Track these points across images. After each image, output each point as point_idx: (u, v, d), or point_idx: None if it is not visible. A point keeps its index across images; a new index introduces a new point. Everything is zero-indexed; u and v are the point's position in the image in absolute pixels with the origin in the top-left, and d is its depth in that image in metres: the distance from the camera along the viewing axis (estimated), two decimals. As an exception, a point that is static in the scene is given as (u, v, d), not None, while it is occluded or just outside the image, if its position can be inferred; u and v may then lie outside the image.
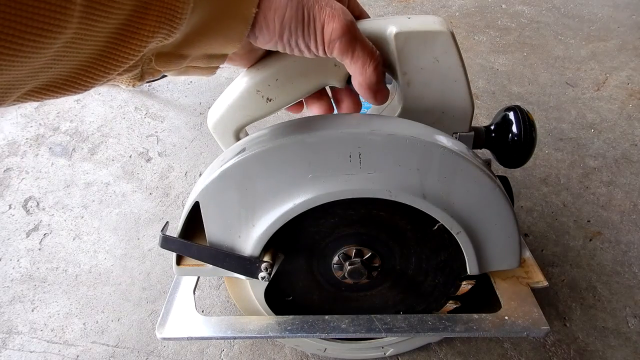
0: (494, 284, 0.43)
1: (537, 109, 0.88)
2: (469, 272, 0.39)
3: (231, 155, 0.34)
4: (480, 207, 0.35)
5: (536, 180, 0.74)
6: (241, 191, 0.34)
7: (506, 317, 0.40)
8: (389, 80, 0.39)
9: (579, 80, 0.96)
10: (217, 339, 0.53)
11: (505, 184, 0.43)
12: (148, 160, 0.81)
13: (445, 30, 0.35)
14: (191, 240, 0.37)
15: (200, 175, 0.39)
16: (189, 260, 0.39)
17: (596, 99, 0.90)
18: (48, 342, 0.56)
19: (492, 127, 0.43)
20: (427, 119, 0.37)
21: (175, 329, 0.41)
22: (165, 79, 0.97)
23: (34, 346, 0.55)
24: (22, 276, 0.63)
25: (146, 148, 0.84)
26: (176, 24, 0.23)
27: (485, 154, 0.45)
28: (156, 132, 0.87)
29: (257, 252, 0.37)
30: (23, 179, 0.77)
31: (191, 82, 0.99)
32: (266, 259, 0.37)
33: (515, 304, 0.41)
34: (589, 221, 0.67)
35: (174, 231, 0.38)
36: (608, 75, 0.97)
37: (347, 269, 0.39)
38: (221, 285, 0.61)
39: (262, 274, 0.37)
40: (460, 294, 0.43)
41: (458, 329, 0.39)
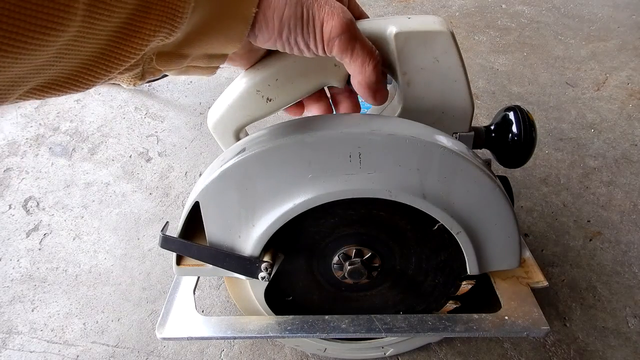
0: (494, 284, 0.43)
1: (537, 109, 0.88)
2: (469, 272, 0.39)
3: (231, 155, 0.34)
4: (480, 207, 0.35)
5: (536, 180, 0.74)
6: (241, 191, 0.34)
7: (506, 317, 0.40)
8: (389, 81, 0.39)
9: (579, 80, 0.96)
10: (217, 339, 0.53)
11: (505, 184, 0.43)
12: (148, 160, 0.81)
13: (445, 30, 0.35)
14: (191, 240, 0.37)
15: (200, 175, 0.39)
16: (189, 260, 0.39)
17: (596, 99, 0.90)
18: (48, 342, 0.56)
19: (492, 127, 0.43)
20: (427, 119, 0.37)
21: (175, 329, 0.41)
22: (165, 79, 0.97)
23: (34, 346, 0.55)
24: (22, 276, 0.63)
25: (146, 148, 0.84)
26: (177, 23, 0.23)
27: (485, 154, 0.45)
28: (156, 132, 0.87)
29: (257, 252, 0.37)
30: (23, 179, 0.77)
31: (191, 82, 0.99)
32: (266, 259, 0.37)
33: (515, 304, 0.41)
34: (589, 221, 0.67)
35: (174, 231, 0.38)
36: (608, 75, 0.97)
37: (347, 269, 0.39)
38: (221, 285, 0.61)
39: (262, 274, 0.37)
40: (460, 294, 0.43)
41: (458, 329, 0.39)
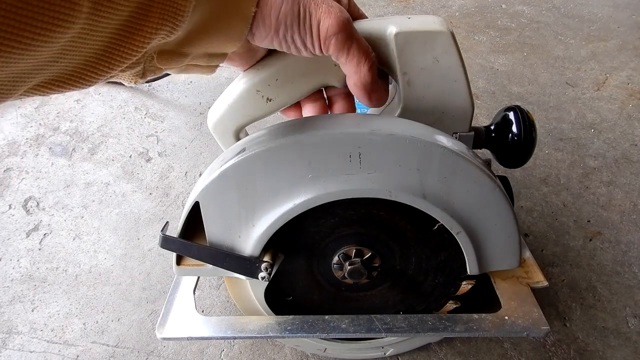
0: (494, 284, 0.43)
1: (537, 109, 0.88)
2: (469, 272, 0.39)
3: (231, 155, 0.34)
4: (480, 207, 0.35)
5: (536, 180, 0.74)
6: (241, 191, 0.34)
7: (506, 317, 0.40)
8: (389, 81, 0.39)
9: (579, 80, 0.96)
10: (217, 339, 0.53)
11: (505, 184, 0.43)
12: (148, 160, 0.81)
13: (445, 30, 0.35)
14: (191, 240, 0.37)
15: (200, 175, 0.39)
16: (189, 260, 0.39)
17: (596, 99, 0.90)
18: (48, 342, 0.56)
19: (492, 127, 0.43)
20: (427, 119, 0.37)
21: (175, 329, 0.41)
22: (165, 79, 0.97)
23: (34, 346, 0.55)
24: (22, 276, 0.63)
25: (146, 148, 0.84)
26: (178, 22, 0.24)
27: (485, 154, 0.45)
28: (156, 132, 0.87)
29: (257, 252, 0.37)
30: (23, 179, 0.77)
31: (191, 82, 0.99)
32: (266, 259, 0.37)
33: (515, 304, 0.41)
34: (589, 221, 0.67)
35: (174, 231, 0.38)
36: (608, 75, 0.97)
37: (347, 269, 0.39)
38: (221, 285, 0.61)
39: (262, 274, 0.37)
40: (460, 294, 0.43)
41: (458, 329, 0.39)
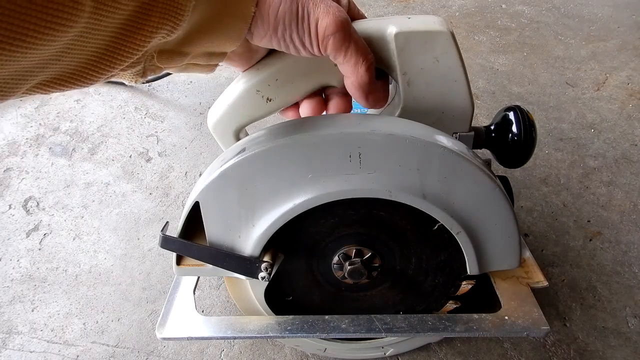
0: (494, 284, 0.43)
1: (537, 109, 0.88)
2: (469, 272, 0.39)
3: (231, 155, 0.34)
4: (480, 207, 0.35)
5: (536, 180, 0.74)
6: (241, 191, 0.34)
7: (506, 317, 0.40)
8: (389, 81, 0.39)
9: (579, 80, 0.96)
10: (217, 339, 0.53)
11: (505, 184, 0.43)
12: (148, 160, 0.81)
13: (445, 30, 0.35)
14: (191, 240, 0.37)
15: (200, 175, 0.39)
16: (189, 260, 0.39)
17: (596, 99, 0.90)
18: (48, 342, 0.56)
19: (492, 127, 0.43)
20: (427, 119, 0.37)
21: (175, 329, 0.41)
22: (165, 79, 0.97)
23: (34, 346, 0.55)
24: (22, 276, 0.63)
25: (146, 148, 0.84)
26: (179, 21, 0.24)
27: (485, 154, 0.45)
28: (156, 132, 0.87)
29: (257, 252, 0.37)
30: (23, 179, 0.77)
31: (191, 82, 0.99)
32: (266, 259, 0.37)
33: (515, 304, 0.41)
34: (589, 221, 0.67)
35: (174, 231, 0.38)
36: (608, 75, 0.97)
37: (347, 269, 0.39)
38: (221, 285, 0.61)
39: (262, 274, 0.37)
40: (460, 294, 0.43)
41: (458, 329, 0.39)
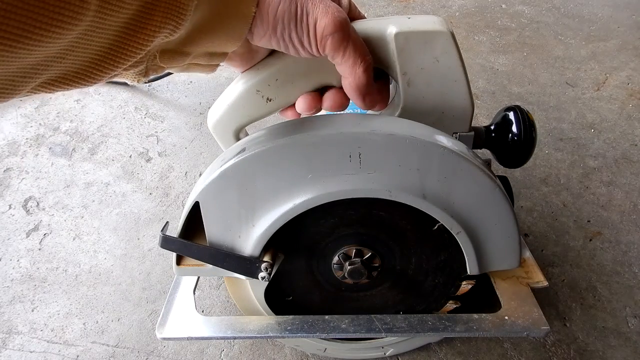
0: (494, 284, 0.43)
1: (537, 109, 0.88)
2: (469, 272, 0.39)
3: (231, 155, 0.34)
4: (480, 207, 0.35)
5: (536, 180, 0.74)
6: (241, 191, 0.34)
7: (506, 317, 0.40)
8: (389, 81, 0.39)
9: (579, 80, 0.96)
10: (217, 339, 0.53)
11: (505, 184, 0.43)
12: (148, 160, 0.81)
13: (445, 30, 0.34)
14: (191, 240, 0.37)
15: (200, 175, 0.39)
16: (189, 260, 0.39)
17: (596, 99, 0.90)
18: (48, 342, 0.56)
19: (492, 127, 0.43)
20: (427, 119, 0.37)
21: (175, 329, 0.41)
22: (165, 79, 0.97)
23: (34, 346, 0.55)
24: (22, 276, 0.63)
25: (146, 148, 0.84)
26: (181, 20, 0.24)
27: (485, 154, 0.45)
28: (156, 132, 0.87)
29: (257, 252, 0.37)
30: (23, 179, 0.77)
31: (191, 82, 0.99)
32: (266, 259, 0.37)
33: (515, 304, 0.41)
34: (589, 221, 0.67)
35: (174, 231, 0.38)
36: (608, 75, 0.97)
37: (347, 269, 0.39)
38: (221, 285, 0.61)
39: (262, 274, 0.37)
40: (460, 294, 0.43)
41: (458, 329, 0.39)
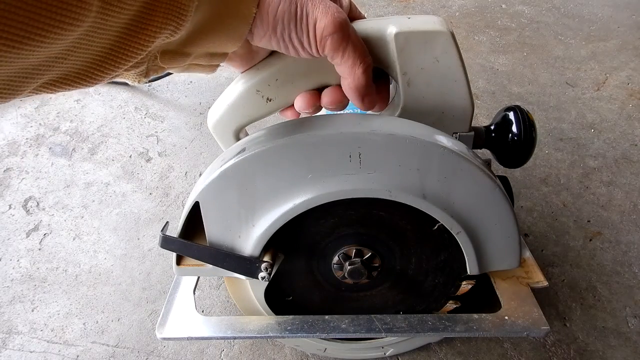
0: (494, 284, 0.43)
1: (537, 109, 0.88)
2: (469, 272, 0.39)
3: (231, 155, 0.34)
4: (480, 207, 0.35)
5: (536, 180, 0.74)
6: (241, 191, 0.34)
7: (506, 317, 0.40)
8: (389, 81, 0.39)
9: (579, 80, 0.96)
10: (217, 339, 0.53)
11: (505, 184, 0.43)
12: (148, 160, 0.81)
13: (445, 30, 0.34)
14: (191, 240, 0.37)
15: (200, 175, 0.39)
16: (189, 260, 0.39)
17: (596, 99, 0.90)
18: (48, 342, 0.56)
19: (492, 127, 0.43)
20: (427, 119, 0.37)
21: (175, 329, 0.41)
22: (165, 79, 0.97)
23: (34, 346, 0.55)
24: (22, 276, 0.63)
25: (146, 148, 0.84)
26: (182, 21, 0.24)
27: (485, 154, 0.45)
28: (156, 132, 0.87)
29: (257, 252, 0.37)
30: (23, 179, 0.77)
31: (191, 82, 0.99)
32: (266, 259, 0.37)
33: (515, 304, 0.41)
34: (589, 221, 0.67)
35: (174, 231, 0.38)
36: (608, 75, 0.97)
37: (347, 269, 0.39)
38: (221, 285, 0.61)
39: (262, 274, 0.37)
40: (460, 294, 0.43)
41: (458, 329, 0.39)
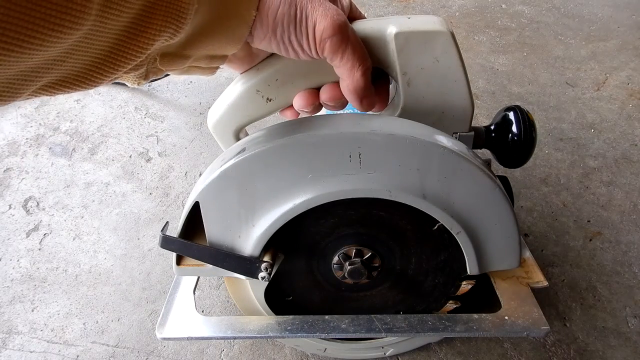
0: (494, 284, 0.43)
1: (537, 109, 0.88)
2: (469, 272, 0.39)
3: (231, 155, 0.34)
4: (480, 207, 0.35)
5: (536, 180, 0.74)
6: (241, 191, 0.34)
7: (506, 317, 0.40)
8: (389, 81, 0.39)
9: (579, 80, 0.96)
10: (217, 339, 0.53)
11: (505, 184, 0.43)
12: (148, 160, 0.81)
13: (445, 30, 0.34)
14: (191, 240, 0.37)
15: (200, 175, 0.39)
16: (189, 260, 0.39)
17: (596, 99, 0.90)
18: (48, 342, 0.56)
19: (492, 127, 0.43)
20: (427, 119, 0.37)
21: (175, 329, 0.41)
22: (165, 79, 0.98)
23: (34, 346, 0.55)
24: (22, 276, 0.63)
25: (146, 148, 0.84)
26: (181, 24, 0.24)
27: (485, 154, 0.45)
28: (156, 132, 0.87)
29: (257, 252, 0.37)
30: (23, 179, 0.77)
31: (191, 82, 0.99)
32: (266, 259, 0.37)
33: (515, 304, 0.41)
34: (589, 221, 0.67)
35: (174, 231, 0.37)
36: (608, 75, 0.97)
37: (347, 269, 0.39)
38: (221, 285, 0.61)
39: (262, 274, 0.37)
40: (460, 294, 0.43)
41: (458, 329, 0.39)
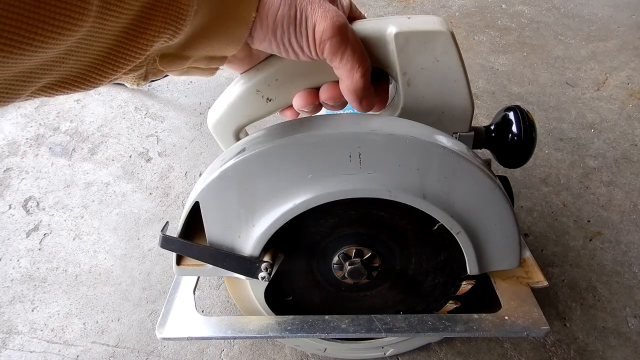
0: (494, 284, 0.43)
1: (537, 109, 0.88)
2: (469, 272, 0.39)
3: (231, 155, 0.34)
4: (480, 207, 0.35)
5: (536, 180, 0.74)
6: (241, 191, 0.34)
7: (506, 317, 0.40)
8: (389, 81, 0.39)
9: (579, 80, 0.96)
10: (217, 339, 0.53)
11: (505, 184, 0.43)
12: (148, 160, 0.81)
13: (445, 30, 0.34)
14: (191, 240, 0.37)
15: (200, 175, 0.39)
16: (189, 260, 0.39)
17: (596, 99, 0.90)
18: (48, 342, 0.56)
19: (492, 127, 0.43)
20: (427, 119, 0.37)
21: (175, 329, 0.41)
22: (165, 79, 0.98)
23: (34, 346, 0.55)
24: (22, 276, 0.63)
25: (146, 148, 0.84)
26: (181, 25, 0.24)
27: (485, 154, 0.45)
28: (156, 132, 0.87)
29: (257, 252, 0.37)
30: (23, 179, 0.77)
31: (191, 82, 0.99)
32: (266, 259, 0.37)
33: (515, 304, 0.41)
34: (589, 221, 0.67)
35: (174, 231, 0.38)
36: (608, 75, 0.97)
37: (347, 269, 0.39)
38: (221, 285, 0.61)
39: (262, 274, 0.37)
40: (460, 294, 0.43)
41: (458, 329, 0.39)
